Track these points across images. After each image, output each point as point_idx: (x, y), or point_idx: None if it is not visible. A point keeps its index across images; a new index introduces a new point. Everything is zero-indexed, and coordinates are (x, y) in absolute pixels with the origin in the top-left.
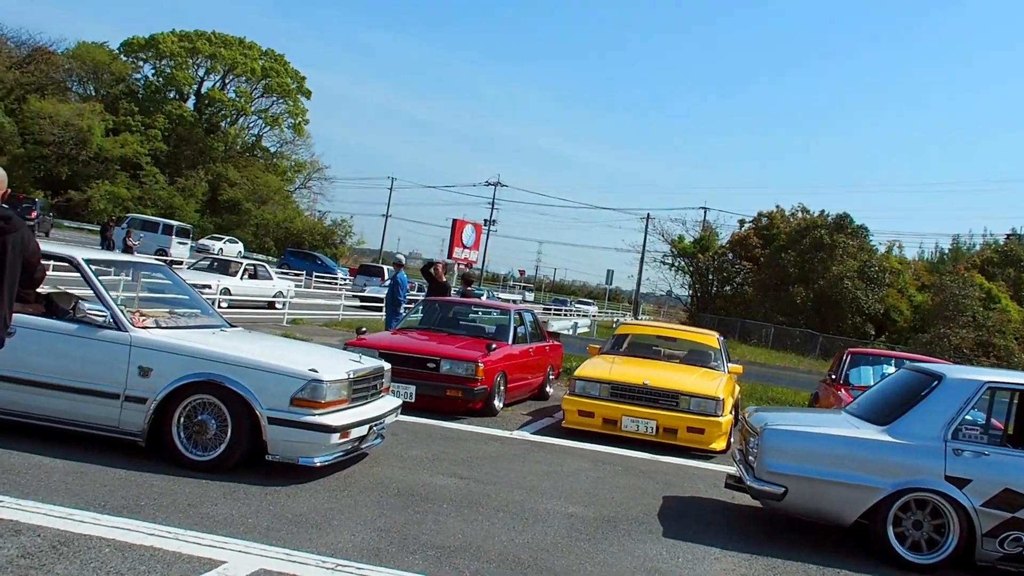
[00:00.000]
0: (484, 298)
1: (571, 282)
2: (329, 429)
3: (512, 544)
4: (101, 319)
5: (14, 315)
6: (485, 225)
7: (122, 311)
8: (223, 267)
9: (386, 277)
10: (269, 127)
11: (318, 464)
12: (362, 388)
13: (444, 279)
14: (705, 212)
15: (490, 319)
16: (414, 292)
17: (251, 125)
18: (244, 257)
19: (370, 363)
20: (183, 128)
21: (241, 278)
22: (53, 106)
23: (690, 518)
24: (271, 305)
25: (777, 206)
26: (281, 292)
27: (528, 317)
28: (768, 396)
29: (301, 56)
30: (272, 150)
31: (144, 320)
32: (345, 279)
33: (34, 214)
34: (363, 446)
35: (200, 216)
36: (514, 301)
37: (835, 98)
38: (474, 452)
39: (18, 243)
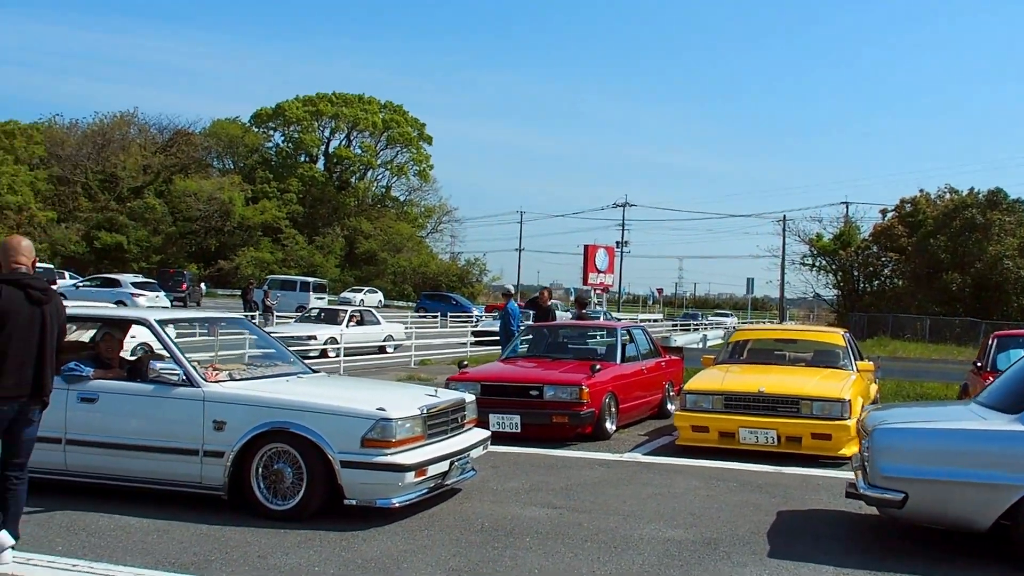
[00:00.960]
0: (602, 320)
1: (717, 295)
2: (402, 468)
3: None
4: (175, 377)
5: (98, 381)
6: (617, 247)
7: (194, 367)
8: (330, 317)
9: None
10: (396, 177)
11: (396, 505)
12: (439, 423)
13: (548, 304)
14: (847, 206)
15: (597, 340)
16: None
17: (379, 177)
18: (353, 304)
19: (448, 396)
20: (316, 188)
21: (347, 326)
22: (196, 183)
23: (804, 534)
24: (381, 350)
25: (921, 190)
26: (391, 336)
27: (639, 334)
28: (916, 392)
29: (420, 105)
30: (401, 199)
31: (217, 374)
32: (481, 316)
33: (184, 286)
34: (448, 482)
35: (340, 271)
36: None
37: (972, 70)
38: (575, 479)
39: (54, 312)
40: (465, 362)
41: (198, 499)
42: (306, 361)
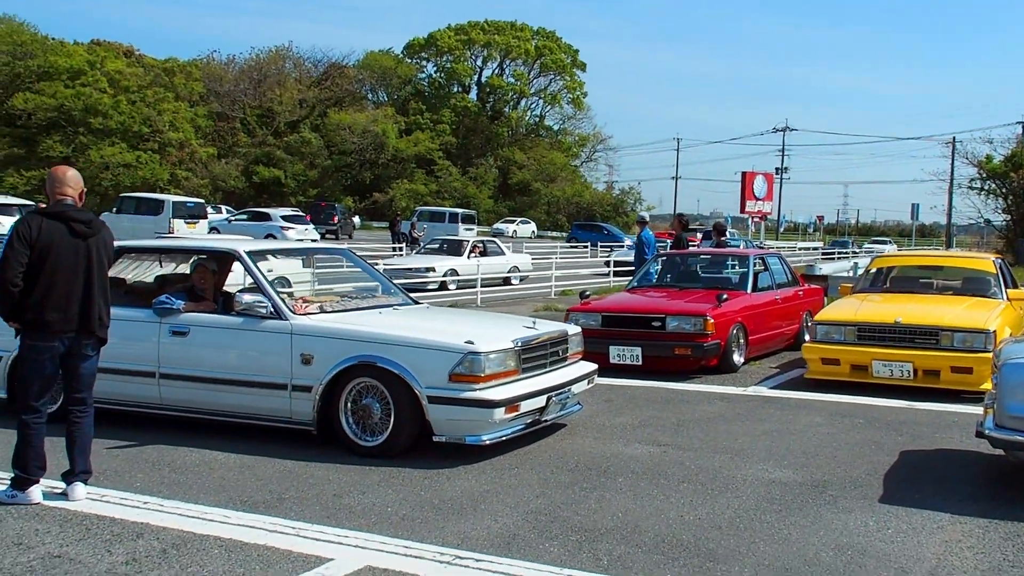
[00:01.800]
0: (743, 248)
1: (883, 222)
2: (491, 404)
3: (679, 523)
4: (264, 310)
5: (190, 314)
6: (776, 174)
7: (283, 300)
8: (453, 248)
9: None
10: (549, 105)
11: (486, 442)
12: (536, 357)
13: (681, 233)
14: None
15: (728, 268)
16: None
17: (532, 106)
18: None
19: (547, 328)
20: (468, 119)
21: (468, 257)
22: (351, 116)
23: (925, 477)
24: (506, 281)
25: None
26: (516, 267)
27: (775, 263)
28: None
29: (573, 31)
30: (555, 128)
31: (307, 307)
32: (622, 246)
33: (335, 219)
34: (546, 418)
35: (494, 202)
36: (757, 246)
37: None
38: (689, 415)
39: (100, 246)
40: (588, 292)
41: (292, 434)
42: (426, 294)
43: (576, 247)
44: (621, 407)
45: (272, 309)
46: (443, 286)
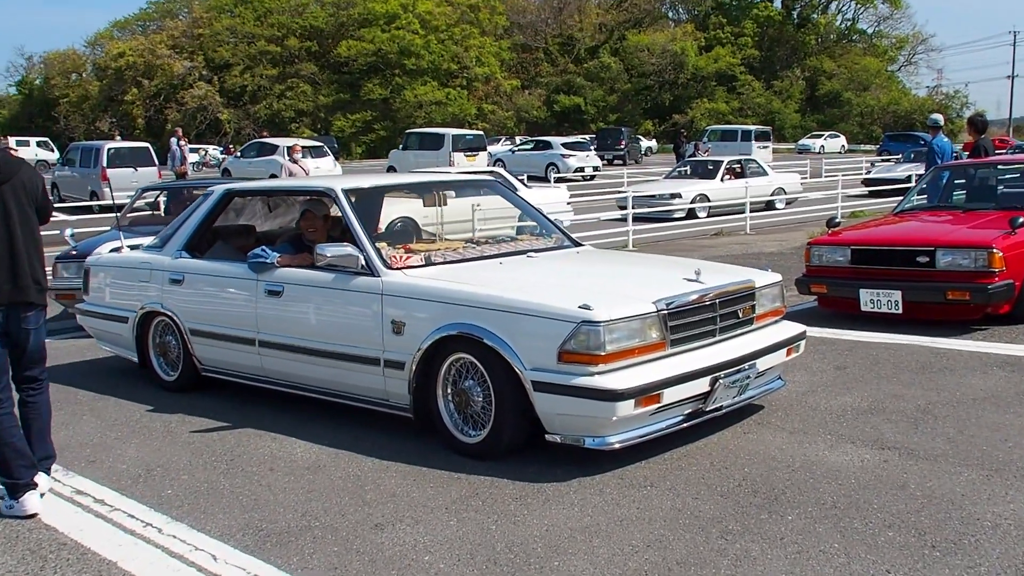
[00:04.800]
0: None
1: None
2: (613, 395)
3: None
4: (354, 264)
5: (285, 270)
6: None
7: (377, 250)
8: (705, 170)
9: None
10: (862, 6)
11: (616, 446)
12: (698, 322)
13: (979, 139)
14: None
15: None
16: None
17: (843, 8)
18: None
19: (719, 280)
20: (772, 30)
21: (722, 180)
22: (649, 37)
23: None
24: (769, 206)
25: None
26: (781, 189)
27: None
28: None
29: None
30: (869, 31)
31: (408, 258)
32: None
33: (622, 143)
34: (714, 407)
35: (800, 116)
36: None
37: None
38: (947, 392)
39: (20, 189)
40: (839, 220)
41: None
42: (671, 224)
43: (888, 160)
44: (853, 378)
45: (364, 262)
46: (691, 214)
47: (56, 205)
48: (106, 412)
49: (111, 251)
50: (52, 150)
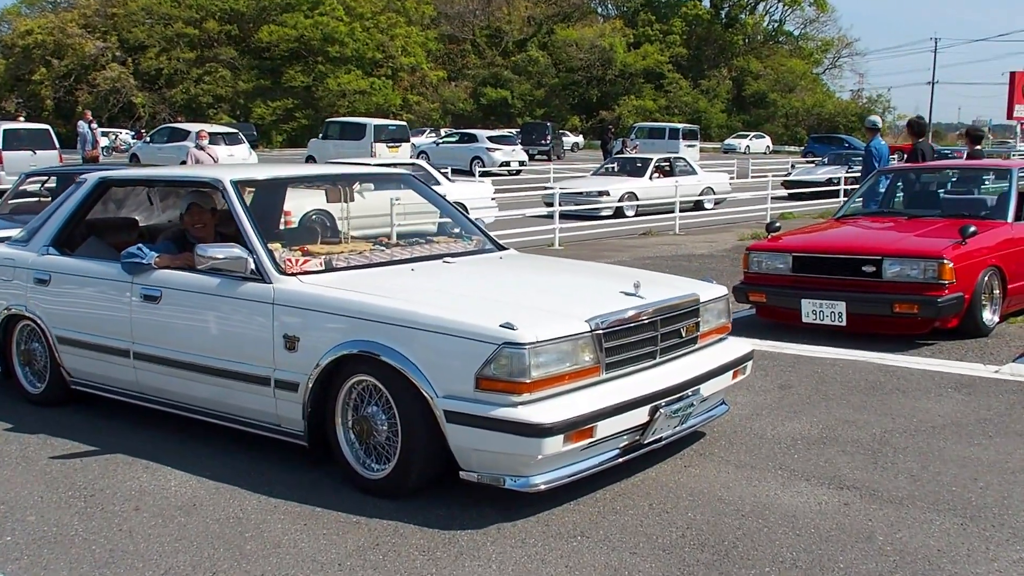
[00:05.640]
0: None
1: None
2: (538, 431)
3: None
4: (240, 268)
5: (164, 272)
6: None
7: (269, 252)
8: (634, 168)
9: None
10: (789, 8)
11: (541, 487)
12: (636, 343)
13: (916, 142)
14: None
15: (981, 188)
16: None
17: (771, 10)
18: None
19: (660, 295)
20: (701, 28)
21: (651, 178)
22: (578, 32)
23: None
24: (698, 205)
25: None
26: (710, 188)
27: None
28: None
29: None
30: (795, 33)
31: (306, 262)
32: (809, 161)
33: (547, 138)
34: (651, 440)
35: (727, 116)
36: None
37: None
38: (903, 418)
39: None
40: (778, 224)
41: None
42: (598, 223)
43: (812, 162)
44: (800, 400)
45: (254, 266)
46: (619, 212)
47: None
48: None
49: None
50: None
